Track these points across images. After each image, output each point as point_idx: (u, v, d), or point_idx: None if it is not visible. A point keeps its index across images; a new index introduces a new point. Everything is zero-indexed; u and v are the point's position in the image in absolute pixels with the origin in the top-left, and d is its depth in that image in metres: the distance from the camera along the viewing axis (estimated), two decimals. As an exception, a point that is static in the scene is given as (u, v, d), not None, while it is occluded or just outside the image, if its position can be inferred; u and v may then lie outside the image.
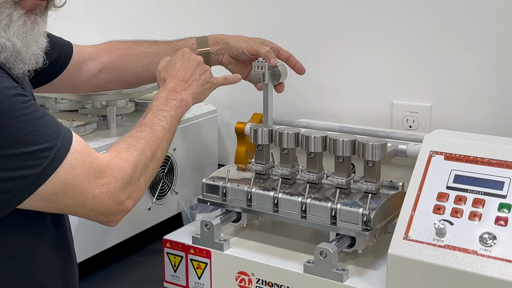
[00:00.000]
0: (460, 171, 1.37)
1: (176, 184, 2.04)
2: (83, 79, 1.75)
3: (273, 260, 1.51)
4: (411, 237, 1.33)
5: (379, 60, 1.99)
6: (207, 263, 1.56)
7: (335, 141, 1.52)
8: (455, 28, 1.87)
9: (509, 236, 1.27)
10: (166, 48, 1.82)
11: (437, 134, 1.48)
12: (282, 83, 1.78)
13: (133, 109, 2.09)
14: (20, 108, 1.20)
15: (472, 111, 1.88)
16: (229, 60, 1.83)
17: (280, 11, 2.13)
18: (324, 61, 2.07)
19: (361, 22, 2.00)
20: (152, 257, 1.89)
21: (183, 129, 2.04)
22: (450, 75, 1.89)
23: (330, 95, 2.08)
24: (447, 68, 1.89)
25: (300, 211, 1.50)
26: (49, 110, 2.03)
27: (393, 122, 1.99)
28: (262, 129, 1.64)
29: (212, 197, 1.63)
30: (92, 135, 1.88)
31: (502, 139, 1.44)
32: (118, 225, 1.73)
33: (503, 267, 1.23)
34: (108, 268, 1.83)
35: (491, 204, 1.31)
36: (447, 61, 1.89)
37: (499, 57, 1.83)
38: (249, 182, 1.60)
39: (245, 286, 1.52)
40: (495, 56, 1.83)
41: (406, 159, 1.62)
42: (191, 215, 1.90)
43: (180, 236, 1.63)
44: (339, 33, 2.04)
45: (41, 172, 1.19)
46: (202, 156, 2.16)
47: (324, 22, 2.06)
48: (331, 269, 1.40)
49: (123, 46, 1.82)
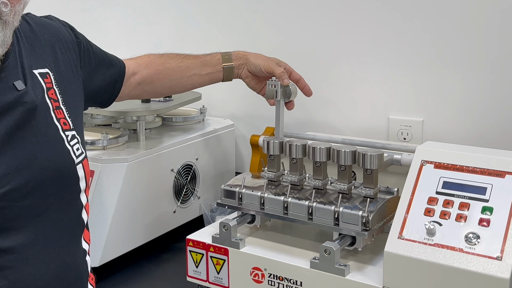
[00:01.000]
0: (448, 178, 1.38)
1: (198, 190, 2.04)
2: (126, 92, 1.72)
3: (283, 257, 1.50)
4: (404, 237, 1.33)
5: (377, 80, 1.98)
6: (225, 259, 1.55)
7: (338, 151, 1.52)
8: (445, 53, 1.86)
9: (491, 236, 1.27)
10: (195, 62, 1.81)
11: (428, 145, 1.48)
12: (292, 101, 1.78)
13: (160, 123, 2.10)
14: None
15: (458, 126, 1.87)
16: (247, 75, 1.81)
17: (291, 36, 2.12)
18: (328, 81, 2.06)
19: (362, 47, 1.99)
20: (176, 255, 1.90)
21: (204, 141, 2.06)
22: (440, 94, 1.89)
23: (333, 111, 2.08)
24: (437, 88, 1.89)
25: (307, 213, 1.50)
26: (85, 125, 1.99)
27: (389, 134, 1.98)
28: (274, 141, 1.63)
29: (229, 201, 1.62)
30: (124, 147, 1.88)
31: (484, 149, 1.45)
32: (147, 226, 1.83)
33: (486, 263, 1.24)
34: (138, 264, 1.85)
35: (475, 207, 1.32)
36: (437, 82, 1.89)
37: (480, 80, 1.82)
38: (262, 188, 1.59)
39: (258, 280, 1.51)
40: (477, 79, 1.83)
41: (400, 168, 1.61)
42: (211, 217, 1.91)
43: (202, 236, 1.62)
44: (342, 57, 2.03)
45: None
46: (221, 165, 2.15)
47: (329, 47, 2.05)
48: (334, 265, 1.41)
49: (160, 61, 1.79)
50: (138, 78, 1.74)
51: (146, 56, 1.80)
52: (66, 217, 1.33)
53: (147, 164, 1.85)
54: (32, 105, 1.28)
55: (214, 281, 1.58)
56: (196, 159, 2.02)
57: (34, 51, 1.38)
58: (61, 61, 1.45)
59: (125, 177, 1.77)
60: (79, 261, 1.36)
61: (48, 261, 1.27)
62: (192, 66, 1.80)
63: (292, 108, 1.79)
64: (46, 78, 1.36)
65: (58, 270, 1.29)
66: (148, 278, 1.78)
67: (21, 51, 1.33)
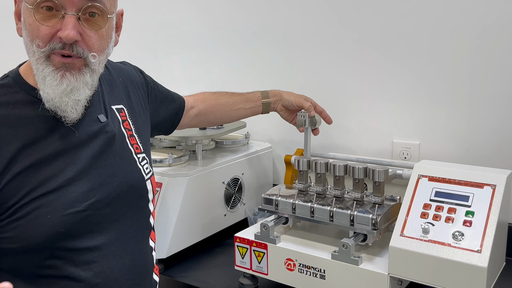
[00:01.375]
0: (439, 188, 1.38)
1: (243, 198, 2.03)
2: (185, 122, 1.70)
3: (310, 250, 1.49)
4: (405, 234, 1.34)
5: (383, 113, 1.97)
6: (264, 252, 1.55)
7: (353, 167, 1.51)
8: (435, 93, 1.85)
9: (472, 234, 1.28)
10: (241, 99, 1.78)
11: (423, 163, 1.47)
12: (317, 128, 1.76)
13: (214, 146, 2.08)
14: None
15: (447, 148, 1.86)
16: (281, 108, 1.78)
17: (316, 79, 2.10)
18: (345, 113, 2.04)
19: (371, 88, 1.97)
20: (226, 249, 1.89)
21: (248, 159, 2.04)
22: (432, 123, 1.88)
23: (349, 136, 2.05)
24: (430, 118, 1.88)
25: (328, 216, 1.50)
26: (155, 147, 2.03)
27: (393, 154, 1.96)
28: (303, 160, 1.62)
29: (268, 207, 1.61)
30: (185, 164, 1.87)
31: (467, 166, 1.44)
32: (203, 226, 1.86)
33: (468, 255, 1.25)
34: (196, 256, 1.84)
35: (460, 211, 1.32)
36: (429, 114, 1.88)
37: (463, 113, 1.81)
38: (294, 196, 1.58)
39: (291, 268, 1.50)
40: (460, 112, 1.82)
41: (402, 180, 1.60)
42: (254, 220, 1.90)
43: (246, 234, 1.61)
44: (356, 95, 2.01)
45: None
46: (261, 178, 2.13)
47: (346, 88, 2.03)
48: (350, 257, 1.40)
49: (213, 97, 1.77)
50: (195, 111, 1.72)
51: (202, 93, 1.79)
52: (137, 221, 1.33)
53: (204, 178, 1.83)
54: (112, 134, 1.29)
55: (256, 269, 1.57)
56: (242, 173, 2.00)
57: (112, 91, 1.38)
58: (133, 98, 1.45)
59: (186, 188, 1.76)
60: (147, 256, 1.36)
61: (123, 257, 1.27)
62: (238, 101, 1.78)
63: (317, 134, 1.77)
64: (121, 112, 1.37)
65: (131, 263, 1.29)
66: (204, 267, 1.76)
67: (103, 91, 1.34)
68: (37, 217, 1.14)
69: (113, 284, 1.24)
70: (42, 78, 1.16)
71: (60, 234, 1.16)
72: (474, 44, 1.77)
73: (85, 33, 1.16)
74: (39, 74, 1.16)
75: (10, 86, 1.21)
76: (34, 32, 1.14)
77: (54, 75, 1.16)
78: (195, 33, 2.42)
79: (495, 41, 1.73)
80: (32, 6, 1.13)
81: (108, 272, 1.23)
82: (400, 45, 1.91)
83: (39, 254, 1.17)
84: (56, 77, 1.16)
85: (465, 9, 1.76)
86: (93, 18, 1.17)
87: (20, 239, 1.15)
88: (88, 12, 1.16)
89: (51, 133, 1.20)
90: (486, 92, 1.78)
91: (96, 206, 1.22)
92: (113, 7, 1.22)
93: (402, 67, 1.92)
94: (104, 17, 1.19)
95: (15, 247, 1.15)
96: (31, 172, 1.15)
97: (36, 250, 1.16)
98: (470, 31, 1.77)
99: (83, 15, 1.15)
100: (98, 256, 1.22)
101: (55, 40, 1.14)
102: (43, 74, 1.16)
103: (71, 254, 1.19)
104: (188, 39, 2.45)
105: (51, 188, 1.16)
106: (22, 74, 1.23)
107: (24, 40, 1.18)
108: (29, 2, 1.14)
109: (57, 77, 1.16)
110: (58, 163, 1.19)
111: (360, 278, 1.40)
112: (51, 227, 1.15)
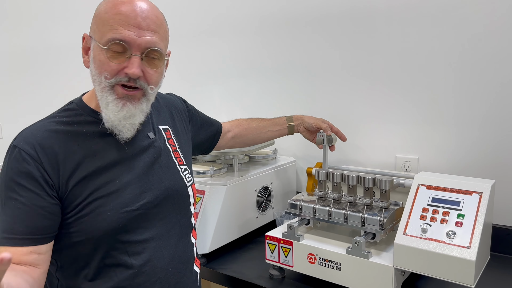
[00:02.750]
0: (435, 195, 1.37)
1: (272, 203, 2.02)
2: (222, 144, 1.71)
3: (329, 246, 1.49)
4: (407, 233, 1.33)
5: (388, 133, 1.96)
6: (290, 248, 1.54)
7: (363, 178, 1.52)
8: (432, 115, 1.85)
9: (463, 233, 1.27)
10: (269, 123, 1.77)
11: (422, 174, 1.45)
12: (333, 145, 1.75)
13: (248, 160, 2.07)
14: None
15: (441, 161, 1.85)
16: (303, 130, 1.77)
17: (331, 104, 2.09)
18: (357, 133, 2.03)
19: (378, 112, 1.97)
20: (259, 245, 1.88)
21: (276, 171, 2.02)
22: (428, 141, 1.87)
23: (360, 152, 2.04)
24: (427, 137, 1.87)
25: (343, 218, 1.49)
26: (198, 161, 2.01)
27: (396, 167, 1.94)
28: (322, 171, 1.63)
29: (293, 211, 1.60)
30: (224, 175, 1.86)
31: (458, 177, 1.43)
32: (239, 226, 1.85)
33: (460, 250, 1.25)
34: (233, 251, 1.83)
35: (453, 214, 1.32)
36: (427, 133, 1.87)
37: (454, 133, 1.81)
38: (314, 202, 1.58)
39: (312, 261, 1.50)
40: (452, 132, 1.81)
41: (404, 188, 1.59)
42: (281, 221, 1.89)
43: (275, 233, 1.60)
44: (365, 118, 2.00)
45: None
46: (287, 187, 2.11)
47: (357, 112, 2.02)
48: (362, 252, 1.41)
49: (246, 122, 1.76)
50: (231, 134, 1.73)
51: (236, 120, 1.79)
52: (180, 221, 1.32)
53: (239, 186, 1.82)
54: (159, 148, 1.30)
55: (283, 262, 1.57)
56: (271, 183, 2.00)
57: (159, 114, 1.39)
58: (177, 121, 1.45)
59: (225, 195, 1.76)
60: (189, 250, 1.35)
61: (168, 249, 1.27)
62: (267, 125, 1.78)
63: (333, 150, 1.76)
64: (166, 132, 1.37)
65: (174, 255, 1.29)
66: (240, 260, 1.75)
67: (152, 114, 1.35)
68: (99, 214, 1.15)
69: (159, 271, 1.24)
70: (106, 104, 1.17)
71: (117, 228, 1.17)
72: (459, 78, 1.78)
73: (146, 71, 1.19)
74: (103, 100, 1.17)
75: (74, 110, 1.23)
76: (103, 67, 1.16)
77: (116, 102, 1.17)
78: (231, 68, 2.39)
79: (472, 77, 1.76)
80: (106, 47, 1.15)
81: (155, 261, 1.23)
82: (401, 78, 1.90)
83: (100, 246, 1.18)
84: (118, 105, 1.17)
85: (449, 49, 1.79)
86: (153, 59, 1.20)
87: (86, 232, 1.15)
88: (149, 55, 1.19)
89: (109, 147, 1.21)
90: (468, 116, 1.78)
91: (147, 206, 1.22)
92: (166, 50, 1.25)
93: (402, 96, 1.92)
94: (161, 59, 1.21)
95: (82, 239, 1.16)
96: (93, 177, 1.16)
97: (98, 242, 1.17)
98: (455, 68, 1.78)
99: (146, 56, 1.18)
100: (146, 248, 1.22)
101: (121, 74, 1.16)
102: (107, 101, 1.17)
103: (125, 246, 1.19)
104: (224, 73, 2.42)
105: (110, 190, 1.17)
106: (85, 101, 1.25)
107: (91, 71, 1.19)
108: (102, 43, 1.15)
109: (119, 105, 1.17)
110: (116, 170, 1.20)
111: (369, 269, 1.40)
112: (110, 222, 1.16)
